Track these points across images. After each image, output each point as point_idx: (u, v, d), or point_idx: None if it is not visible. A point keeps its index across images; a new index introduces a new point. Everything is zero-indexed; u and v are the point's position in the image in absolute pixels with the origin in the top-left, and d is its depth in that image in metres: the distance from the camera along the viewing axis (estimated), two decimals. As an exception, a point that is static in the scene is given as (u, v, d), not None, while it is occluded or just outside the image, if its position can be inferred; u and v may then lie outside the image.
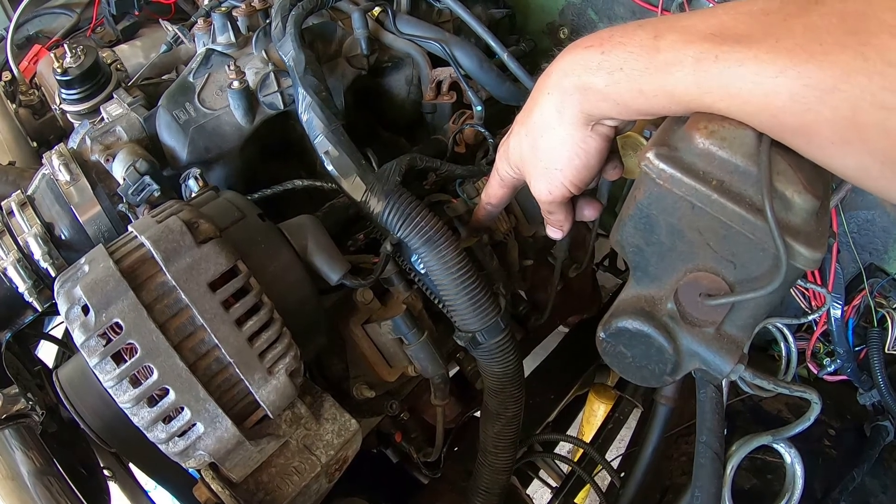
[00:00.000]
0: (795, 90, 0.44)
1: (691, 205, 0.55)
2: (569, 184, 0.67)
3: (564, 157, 0.65)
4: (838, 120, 0.44)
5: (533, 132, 0.66)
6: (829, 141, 0.46)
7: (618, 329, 0.63)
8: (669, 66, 0.50)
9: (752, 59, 0.46)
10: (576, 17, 1.19)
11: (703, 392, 0.74)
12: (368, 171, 0.79)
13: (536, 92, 0.64)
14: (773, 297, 0.56)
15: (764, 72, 0.45)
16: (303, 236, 0.75)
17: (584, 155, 0.64)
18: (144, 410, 0.63)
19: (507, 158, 0.74)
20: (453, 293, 0.77)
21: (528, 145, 0.68)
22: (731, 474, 0.75)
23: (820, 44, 0.43)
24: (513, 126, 0.71)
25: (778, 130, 0.49)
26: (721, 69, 0.47)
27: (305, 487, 0.74)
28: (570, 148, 0.64)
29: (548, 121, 0.63)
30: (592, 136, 0.63)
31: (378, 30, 1.03)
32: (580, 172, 0.66)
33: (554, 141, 0.64)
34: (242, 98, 0.89)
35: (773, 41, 0.45)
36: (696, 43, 0.49)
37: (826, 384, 1.25)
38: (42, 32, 1.45)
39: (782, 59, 0.44)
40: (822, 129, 0.45)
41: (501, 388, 0.87)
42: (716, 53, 0.47)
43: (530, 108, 0.65)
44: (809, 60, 0.43)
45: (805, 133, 0.47)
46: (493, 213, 0.86)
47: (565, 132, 0.62)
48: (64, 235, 0.87)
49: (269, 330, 0.66)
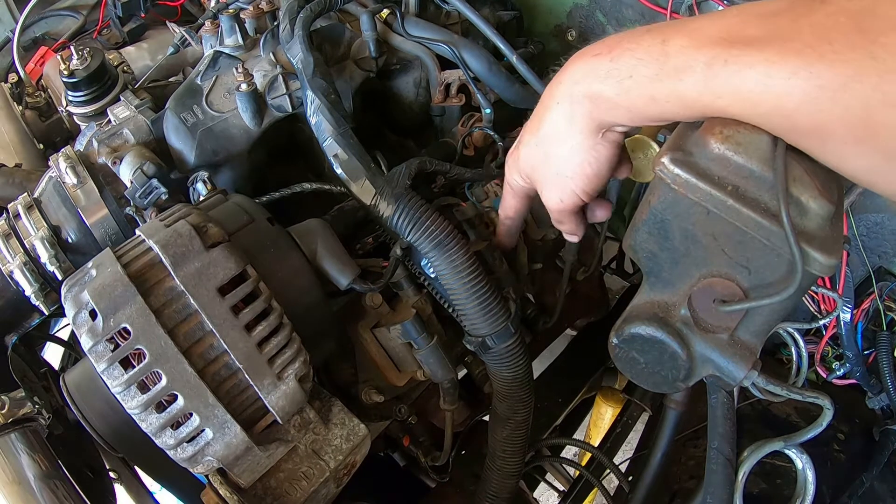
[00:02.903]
0: (807, 90, 0.44)
1: (706, 210, 0.54)
2: (580, 192, 0.67)
3: (576, 166, 0.64)
4: (851, 119, 0.43)
5: (543, 142, 0.65)
6: (842, 141, 0.46)
7: (631, 335, 0.62)
8: (680, 71, 0.50)
9: (762, 62, 0.45)
10: (584, 20, 1.19)
11: (715, 397, 0.73)
12: (378, 174, 0.79)
13: (545, 101, 0.64)
14: (788, 304, 0.56)
15: (775, 74, 0.45)
16: (312, 240, 0.75)
17: (596, 163, 0.64)
18: (153, 416, 0.62)
19: (517, 169, 0.73)
20: (463, 297, 0.76)
21: (538, 155, 0.67)
22: (743, 481, 0.75)
23: (829, 43, 0.43)
24: (521, 135, 0.71)
25: (791, 132, 0.48)
26: (732, 73, 0.47)
27: (314, 493, 0.73)
28: (582, 156, 0.63)
29: (558, 130, 0.63)
30: (603, 143, 0.62)
31: (386, 32, 1.03)
32: (592, 180, 0.66)
33: (564, 150, 0.64)
34: (250, 101, 0.88)
35: (783, 42, 0.45)
36: (706, 47, 0.48)
37: (834, 388, 1.25)
38: (48, 34, 1.45)
39: (793, 60, 0.44)
40: (836, 128, 0.45)
41: (511, 393, 0.86)
42: (725, 57, 0.47)
43: (540, 117, 0.65)
44: (820, 60, 0.43)
45: (818, 134, 0.46)
46: (513, 227, 0.87)
47: (576, 141, 0.62)
48: (71, 238, 0.87)
49: (278, 335, 0.66)
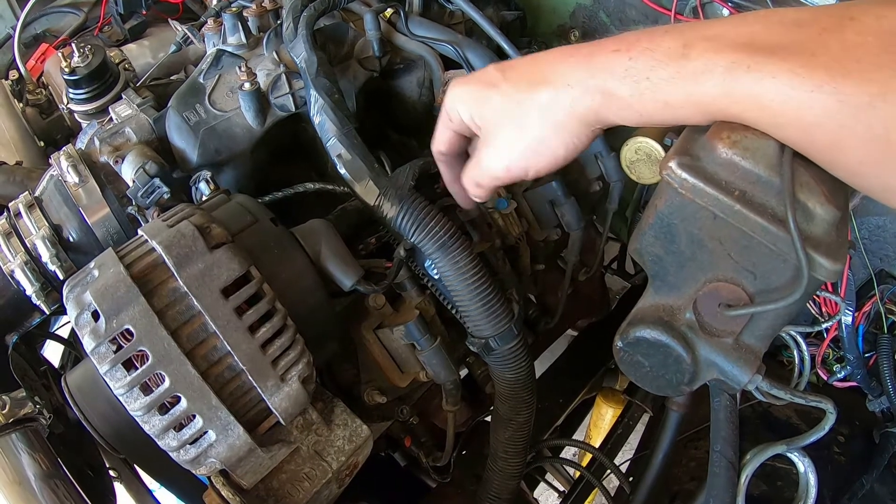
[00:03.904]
0: (830, 106, 0.44)
1: (713, 215, 0.54)
2: (533, 171, 0.64)
3: (552, 147, 0.61)
4: (871, 138, 0.43)
5: (531, 106, 0.60)
6: (859, 159, 0.46)
7: (636, 338, 0.62)
8: (699, 74, 0.49)
9: (786, 72, 0.45)
10: (587, 20, 1.18)
11: (718, 400, 0.73)
12: (381, 174, 0.78)
13: (549, 71, 0.59)
14: (793, 308, 0.56)
15: (800, 86, 0.44)
16: (316, 241, 0.74)
17: (572, 150, 0.62)
18: (156, 418, 0.62)
19: (470, 106, 0.65)
20: (467, 299, 0.76)
21: (513, 112, 0.62)
22: (746, 484, 0.75)
23: (857, 61, 0.43)
24: (494, 77, 0.64)
25: (807, 145, 0.48)
26: (754, 80, 0.47)
27: (316, 494, 0.73)
28: (563, 140, 0.61)
29: (557, 106, 0.59)
30: (588, 134, 0.61)
31: (390, 31, 1.02)
32: (555, 164, 0.63)
33: (549, 127, 0.60)
34: (253, 100, 0.88)
35: (809, 55, 0.44)
36: (728, 52, 0.48)
37: (835, 390, 1.25)
38: (49, 31, 1.45)
39: (819, 74, 0.44)
40: (854, 146, 0.45)
41: (513, 394, 0.86)
42: (748, 63, 0.47)
43: (537, 79, 0.60)
44: (846, 77, 0.43)
45: (836, 149, 0.46)
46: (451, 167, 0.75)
47: (567, 124, 0.59)
48: (72, 237, 0.86)
49: (282, 337, 0.66)
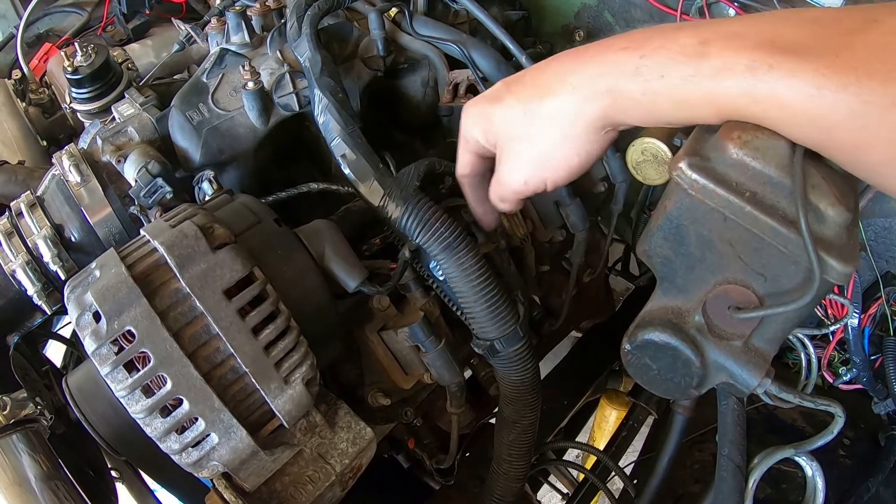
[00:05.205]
0: (855, 107, 0.43)
1: (723, 216, 0.54)
2: (551, 182, 0.64)
3: (564, 156, 0.61)
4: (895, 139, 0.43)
5: (536, 117, 0.60)
6: (881, 160, 0.45)
7: (644, 341, 0.62)
8: (719, 72, 0.48)
9: (811, 72, 0.44)
10: (592, 20, 1.17)
11: (725, 404, 0.72)
12: (386, 175, 0.78)
13: (554, 79, 0.59)
14: (804, 311, 0.55)
15: (824, 86, 0.44)
16: (320, 242, 0.74)
17: (587, 157, 0.61)
18: (157, 420, 0.61)
19: (483, 127, 0.66)
20: (472, 300, 0.75)
21: (521, 125, 0.61)
22: (753, 488, 0.74)
23: (883, 62, 0.42)
24: (497, 93, 0.64)
25: (827, 145, 0.47)
26: (775, 79, 0.46)
27: (319, 497, 0.72)
28: (574, 148, 0.60)
29: (563, 114, 0.58)
30: (601, 140, 0.60)
31: (395, 31, 1.01)
32: (571, 173, 0.63)
33: (558, 136, 0.60)
34: (257, 99, 0.87)
35: (833, 56, 0.44)
36: (748, 50, 0.47)
37: (840, 393, 1.24)
38: (52, 31, 1.45)
39: (844, 74, 0.43)
40: (879, 147, 0.44)
41: (518, 397, 0.85)
42: (770, 62, 0.46)
43: (541, 89, 0.60)
44: (871, 78, 0.42)
45: (858, 150, 0.46)
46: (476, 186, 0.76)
47: (575, 131, 0.59)
48: (74, 237, 0.86)
49: (285, 339, 0.65)
